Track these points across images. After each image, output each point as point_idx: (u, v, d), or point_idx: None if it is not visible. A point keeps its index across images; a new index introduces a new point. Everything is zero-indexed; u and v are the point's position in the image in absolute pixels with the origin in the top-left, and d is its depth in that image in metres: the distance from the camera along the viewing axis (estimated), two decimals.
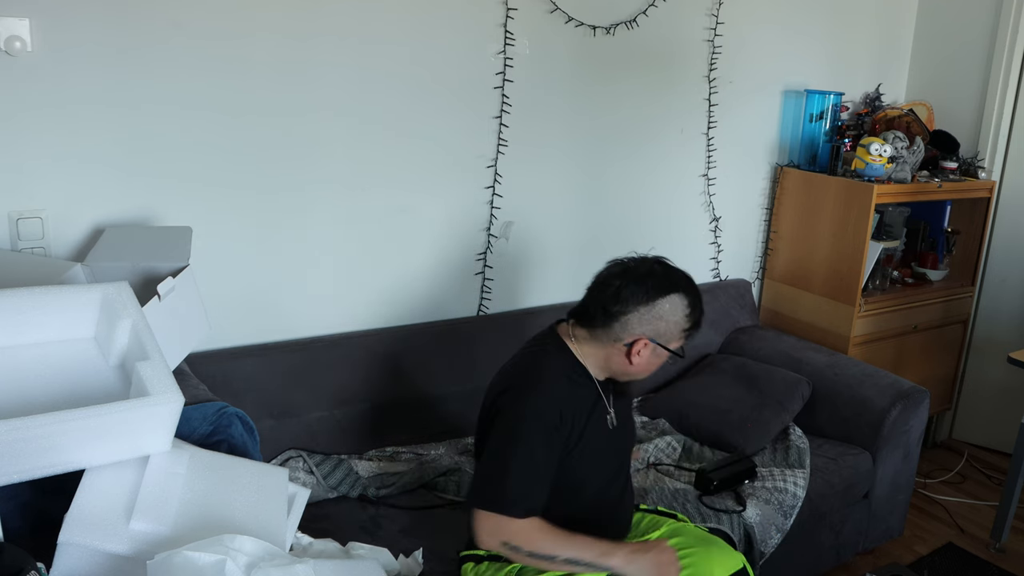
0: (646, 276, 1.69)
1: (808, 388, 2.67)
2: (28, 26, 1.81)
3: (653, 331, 1.68)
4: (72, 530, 1.32)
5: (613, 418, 1.80)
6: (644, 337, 1.68)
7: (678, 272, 1.73)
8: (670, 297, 1.68)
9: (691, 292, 1.71)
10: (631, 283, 1.68)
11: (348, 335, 2.37)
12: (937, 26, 3.48)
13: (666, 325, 1.68)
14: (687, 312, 1.69)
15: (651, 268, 1.71)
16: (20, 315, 1.50)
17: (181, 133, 2.04)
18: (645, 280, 1.68)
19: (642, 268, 1.70)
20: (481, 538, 1.63)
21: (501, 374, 1.77)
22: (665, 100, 2.88)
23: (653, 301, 1.67)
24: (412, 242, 2.47)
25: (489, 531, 1.62)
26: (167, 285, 1.70)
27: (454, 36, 2.38)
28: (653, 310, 1.67)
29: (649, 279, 1.68)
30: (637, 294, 1.67)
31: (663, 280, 1.69)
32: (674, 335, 1.70)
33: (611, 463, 1.81)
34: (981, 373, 3.53)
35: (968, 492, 3.25)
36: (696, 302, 1.72)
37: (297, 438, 2.20)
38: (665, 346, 1.70)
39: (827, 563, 2.58)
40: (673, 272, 1.72)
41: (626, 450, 1.90)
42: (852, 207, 2.94)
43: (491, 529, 1.62)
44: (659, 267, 1.72)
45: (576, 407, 1.70)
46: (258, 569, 1.27)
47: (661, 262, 1.73)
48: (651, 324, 1.67)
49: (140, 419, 1.39)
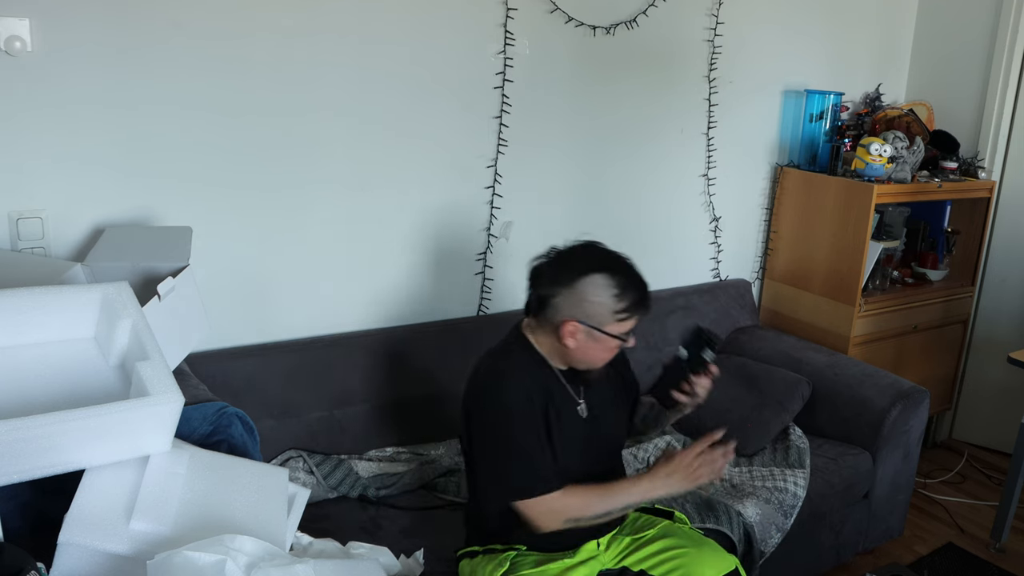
0: (569, 257, 1.71)
1: (808, 388, 2.67)
2: (28, 26, 1.81)
3: (581, 313, 1.67)
4: (72, 530, 1.32)
5: (584, 409, 1.80)
6: (572, 319, 1.67)
7: (605, 252, 1.72)
8: (591, 277, 1.66)
9: (618, 272, 1.68)
10: (555, 266, 1.70)
11: (348, 335, 2.37)
12: (937, 26, 3.48)
13: (592, 306, 1.66)
14: (614, 292, 1.66)
15: (576, 250, 1.72)
16: (20, 315, 1.50)
17: (181, 133, 2.04)
18: (568, 261, 1.70)
19: (568, 251, 1.72)
20: (543, 525, 1.68)
21: (469, 380, 1.80)
22: (665, 100, 2.88)
23: (574, 282, 1.66)
24: (412, 242, 2.47)
25: (549, 515, 1.67)
26: (167, 285, 1.70)
27: (454, 36, 2.38)
28: (576, 291, 1.66)
29: (572, 260, 1.70)
30: (559, 276, 1.68)
31: (585, 261, 1.69)
32: (605, 317, 1.67)
33: (586, 454, 1.80)
34: (981, 373, 3.53)
35: (968, 492, 3.25)
36: (626, 283, 1.67)
37: (297, 438, 2.20)
38: (599, 328, 1.67)
39: (827, 563, 2.58)
40: (599, 252, 1.71)
41: (606, 442, 1.88)
42: (852, 207, 2.94)
43: (548, 512, 1.67)
44: (586, 249, 1.72)
45: (538, 397, 1.72)
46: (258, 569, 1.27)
47: (588, 244, 1.74)
48: (577, 306, 1.67)
49: (140, 419, 1.39)
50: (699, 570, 1.73)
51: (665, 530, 1.84)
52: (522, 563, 1.74)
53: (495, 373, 1.74)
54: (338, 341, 2.33)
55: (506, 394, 1.70)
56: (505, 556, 1.74)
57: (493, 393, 1.72)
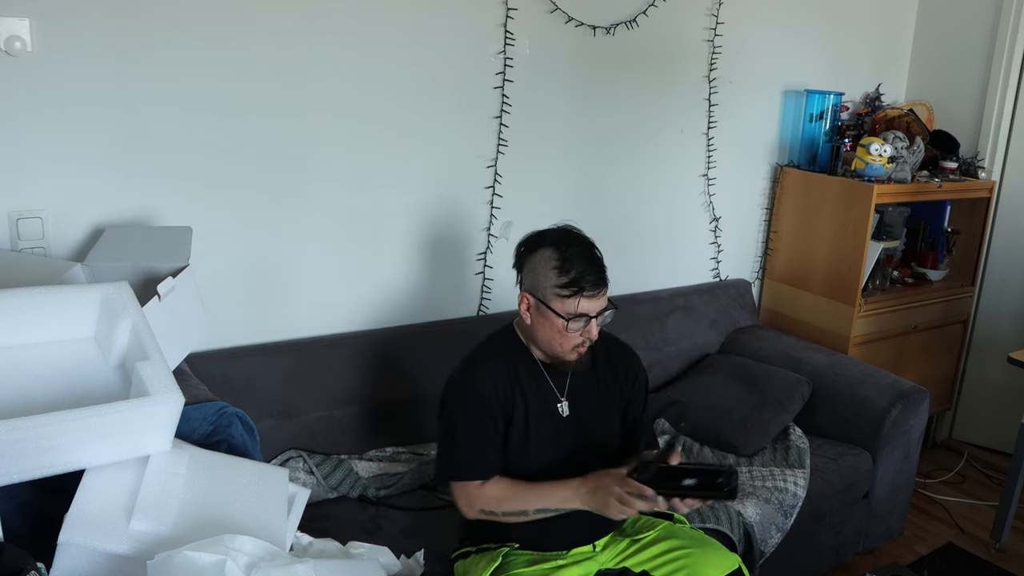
0: (536, 235, 1.76)
1: (808, 388, 2.67)
2: (28, 26, 1.81)
3: (530, 284, 1.73)
4: (72, 530, 1.32)
5: (565, 407, 1.80)
6: (525, 292, 1.74)
7: (565, 232, 1.75)
8: (541, 250, 1.72)
9: (567, 247, 1.70)
10: (523, 242, 1.78)
11: (348, 335, 2.37)
12: (937, 26, 3.48)
13: (537, 278, 1.71)
14: (555, 264, 1.68)
15: (546, 230, 1.76)
16: (20, 315, 1.50)
17: (181, 133, 2.04)
18: (532, 238, 1.76)
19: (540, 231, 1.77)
20: (463, 511, 1.74)
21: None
22: (665, 100, 2.88)
23: (530, 255, 1.73)
24: (412, 242, 2.47)
25: (465, 502, 1.73)
26: (167, 285, 1.70)
27: (454, 36, 2.38)
28: (529, 263, 1.73)
29: (536, 237, 1.75)
30: (522, 251, 1.76)
31: (543, 236, 1.74)
32: (547, 289, 1.69)
33: (566, 455, 1.78)
34: (981, 373, 3.53)
35: (968, 492, 3.25)
36: (570, 258, 1.68)
37: (297, 438, 2.20)
38: (544, 302, 1.69)
39: (827, 563, 2.58)
40: (560, 232, 1.75)
41: (592, 446, 1.83)
42: (852, 207, 2.94)
43: (465, 500, 1.72)
44: (554, 229, 1.76)
45: (510, 386, 1.75)
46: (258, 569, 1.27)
47: (562, 226, 1.77)
48: (529, 278, 1.73)
49: (140, 419, 1.39)
50: (703, 570, 1.72)
51: (666, 531, 1.83)
52: (515, 561, 1.75)
53: (468, 359, 1.80)
54: (338, 341, 2.33)
55: (466, 380, 1.74)
56: (498, 552, 1.76)
57: (456, 377, 1.77)
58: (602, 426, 1.86)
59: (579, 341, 1.72)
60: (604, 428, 1.87)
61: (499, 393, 1.73)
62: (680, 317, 2.94)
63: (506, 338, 1.83)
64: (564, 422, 1.80)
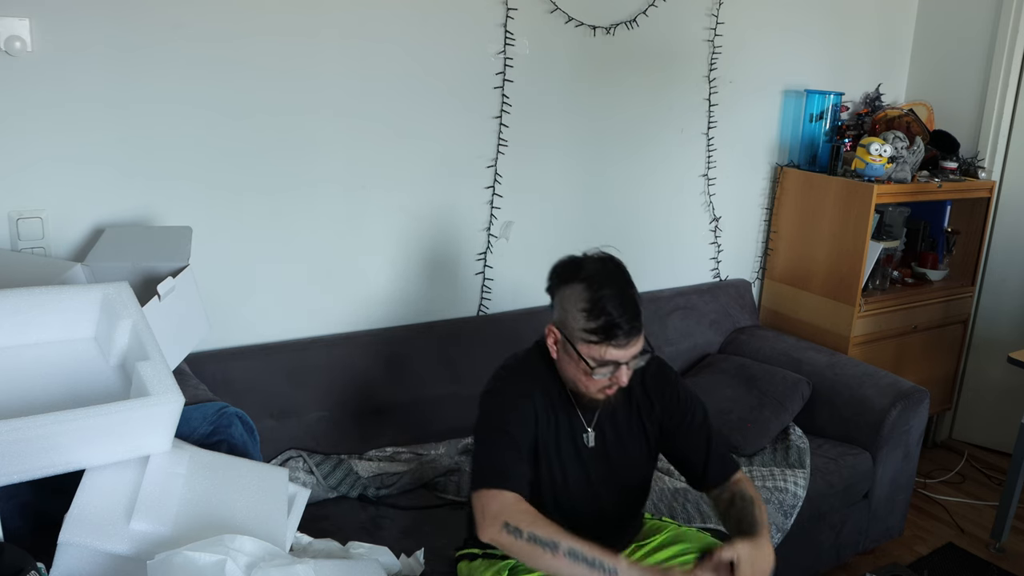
0: (572, 262, 1.61)
1: (808, 388, 2.67)
2: (28, 26, 1.81)
3: (559, 318, 1.59)
4: (72, 530, 1.32)
5: (590, 438, 1.69)
6: (553, 323, 1.60)
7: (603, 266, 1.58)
8: (573, 285, 1.56)
9: (600, 289, 1.53)
10: (557, 267, 1.62)
11: (348, 335, 2.37)
12: (937, 26, 3.48)
13: (566, 314, 1.56)
14: (584, 307, 1.52)
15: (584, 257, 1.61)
16: (20, 315, 1.51)
17: (181, 133, 2.04)
18: (568, 265, 1.60)
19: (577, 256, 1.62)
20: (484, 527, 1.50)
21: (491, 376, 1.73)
22: (665, 100, 2.88)
23: (562, 286, 1.59)
24: (412, 242, 2.47)
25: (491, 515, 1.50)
26: (167, 285, 1.70)
27: (454, 36, 2.38)
28: (560, 295, 1.59)
29: (571, 265, 1.60)
30: (555, 278, 1.61)
31: (578, 268, 1.58)
32: (575, 332, 1.55)
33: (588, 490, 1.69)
34: (981, 373, 3.53)
35: (968, 492, 3.25)
36: (601, 303, 1.51)
37: (297, 438, 2.20)
38: (569, 340, 1.56)
39: (827, 563, 2.58)
40: (597, 264, 1.59)
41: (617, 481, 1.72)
42: (852, 207, 2.94)
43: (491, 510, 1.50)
44: (592, 258, 1.61)
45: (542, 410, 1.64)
46: (258, 569, 1.27)
47: (602, 255, 1.62)
48: (559, 311, 1.59)
49: (140, 419, 1.39)
50: None
51: (674, 536, 1.80)
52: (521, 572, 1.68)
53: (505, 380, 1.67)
54: (338, 341, 2.33)
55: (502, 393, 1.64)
56: (504, 564, 1.69)
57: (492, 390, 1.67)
58: (626, 457, 1.73)
59: (607, 385, 1.59)
60: (628, 459, 1.73)
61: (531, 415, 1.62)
62: (680, 317, 2.94)
63: (539, 358, 1.68)
64: (590, 455, 1.69)
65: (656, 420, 1.73)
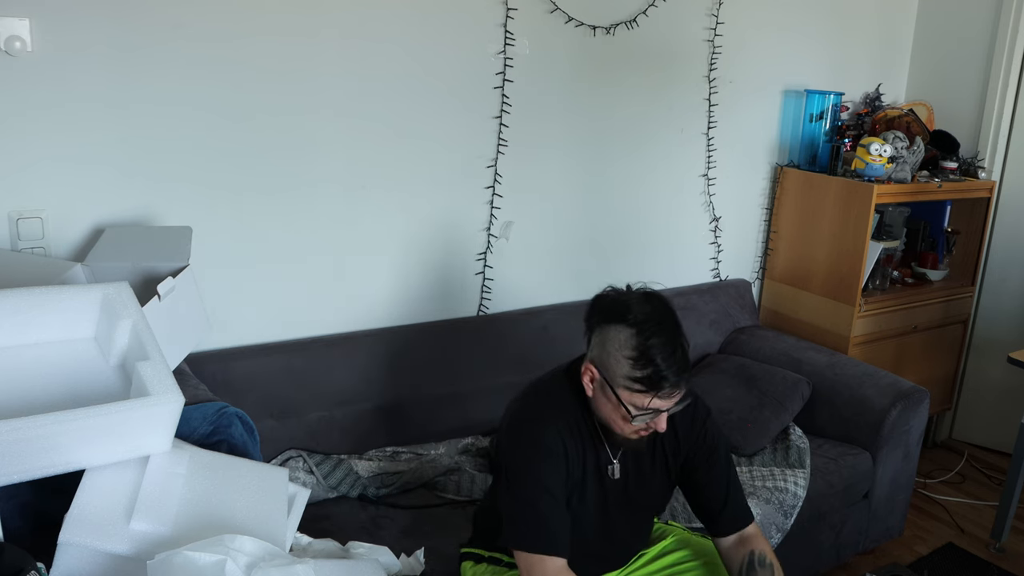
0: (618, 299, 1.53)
1: (808, 388, 2.67)
2: (28, 26, 1.81)
3: (598, 358, 1.51)
4: (72, 530, 1.32)
5: (616, 470, 1.64)
6: (591, 362, 1.52)
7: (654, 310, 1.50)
8: (619, 327, 1.48)
9: (649, 336, 1.46)
10: (603, 302, 1.55)
11: (348, 335, 2.37)
12: (937, 26, 3.48)
13: (607, 356, 1.49)
14: (631, 355, 1.46)
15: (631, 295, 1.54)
16: (20, 315, 1.51)
17: (181, 133, 2.04)
18: (615, 303, 1.53)
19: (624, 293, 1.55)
20: None
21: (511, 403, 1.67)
22: (665, 100, 2.88)
23: (606, 324, 1.51)
24: (412, 242, 2.47)
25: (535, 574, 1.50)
26: (167, 285, 1.70)
27: (454, 36, 2.38)
28: (602, 334, 1.51)
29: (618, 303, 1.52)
30: (598, 314, 1.54)
31: (625, 309, 1.50)
32: (617, 376, 1.48)
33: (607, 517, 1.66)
34: (981, 373, 3.53)
35: (968, 492, 3.25)
36: (650, 352, 1.45)
37: (297, 438, 2.20)
38: (610, 384, 1.49)
39: (827, 563, 2.58)
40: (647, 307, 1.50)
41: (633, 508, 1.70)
42: (852, 207, 2.94)
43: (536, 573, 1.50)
44: (640, 297, 1.53)
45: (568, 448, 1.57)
46: (258, 569, 1.27)
47: (650, 294, 1.55)
48: (599, 348, 1.51)
49: (140, 419, 1.39)
50: None
51: (680, 541, 1.80)
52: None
53: (534, 411, 1.60)
54: (338, 341, 2.33)
55: (540, 438, 1.54)
56: (513, 574, 1.68)
57: (527, 432, 1.57)
58: (646, 488, 1.70)
59: (643, 428, 1.53)
60: (648, 491, 1.70)
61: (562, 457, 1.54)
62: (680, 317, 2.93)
63: (566, 386, 1.61)
64: (613, 485, 1.65)
65: (681, 455, 1.69)
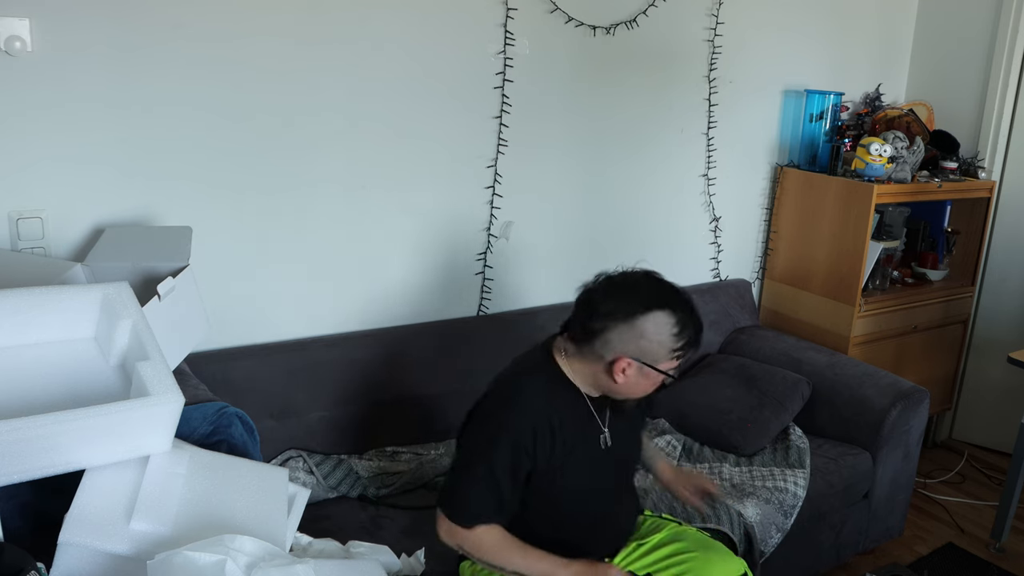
0: (628, 291, 1.59)
1: (808, 388, 2.67)
2: (28, 26, 1.81)
3: (636, 350, 1.57)
4: (72, 530, 1.32)
5: (607, 438, 1.72)
6: (625, 356, 1.57)
7: (665, 286, 1.61)
8: (654, 314, 1.56)
9: (680, 308, 1.58)
10: (611, 299, 1.58)
11: (348, 335, 2.37)
12: (937, 26, 3.48)
13: (649, 344, 1.56)
14: (674, 331, 1.56)
15: (634, 282, 1.60)
16: (20, 315, 1.51)
17: (181, 133, 2.04)
18: (626, 295, 1.58)
19: (625, 282, 1.61)
20: (440, 536, 1.66)
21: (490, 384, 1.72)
22: (665, 100, 2.88)
23: (634, 318, 1.56)
24: (412, 242, 2.47)
25: (445, 532, 1.65)
26: (167, 285, 1.70)
27: (454, 36, 2.38)
28: (634, 328, 1.56)
29: (631, 294, 1.58)
30: (616, 311, 1.57)
31: (646, 295, 1.58)
32: (661, 355, 1.58)
33: (598, 483, 1.73)
34: (981, 373, 3.53)
35: (968, 492, 3.25)
36: (686, 319, 1.58)
37: (297, 438, 2.20)
38: (652, 366, 1.58)
39: (827, 563, 2.58)
40: (659, 286, 1.61)
41: (621, 470, 1.81)
42: (852, 207, 2.94)
43: (447, 531, 1.64)
44: (644, 281, 1.61)
45: (557, 426, 1.63)
46: (258, 569, 1.27)
47: (648, 275, 1.63)
48: (633, 343, 1.56)
49: (140, 419, 1.39)
50: (707, 574, 1.71)
51: (674, 534, 1.81)
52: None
53: (511, 388, 1.67)
54: (338, 341, 2.33)
55: (511, 419, 1.61)
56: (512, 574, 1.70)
57: (500, 411, 1.63)
58: (633, 444, 1.84)
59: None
60: (634, 445, 1.85)
61: (542, 439, 1.61)
62: None
63: (550, 375, 1.67)
64: (605, 453, 1.72)
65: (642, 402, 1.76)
